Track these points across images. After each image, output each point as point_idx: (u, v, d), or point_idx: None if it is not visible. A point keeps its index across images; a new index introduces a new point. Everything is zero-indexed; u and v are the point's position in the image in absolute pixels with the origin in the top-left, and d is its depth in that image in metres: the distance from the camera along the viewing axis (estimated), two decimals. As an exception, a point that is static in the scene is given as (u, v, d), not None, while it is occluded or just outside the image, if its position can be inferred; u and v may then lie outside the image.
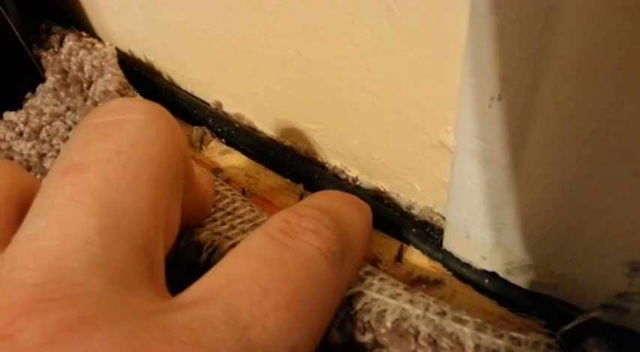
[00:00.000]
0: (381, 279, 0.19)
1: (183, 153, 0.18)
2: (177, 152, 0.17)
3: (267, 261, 0.16)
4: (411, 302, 0.18)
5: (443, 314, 0.17)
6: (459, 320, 0.17)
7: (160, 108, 0.18)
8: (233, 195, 0.25)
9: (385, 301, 0.18)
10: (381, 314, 0.18)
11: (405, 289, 0.19)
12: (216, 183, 0.26)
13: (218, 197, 0.24)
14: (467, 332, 0.16)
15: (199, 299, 0.14)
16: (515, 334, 0.17)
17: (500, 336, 0.17)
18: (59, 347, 0.12)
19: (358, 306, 0.18)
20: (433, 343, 0.17)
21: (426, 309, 0.17)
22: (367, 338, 0.18)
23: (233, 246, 0.21)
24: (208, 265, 0.20)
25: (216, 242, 0.21)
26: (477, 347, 0.16)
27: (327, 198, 0.20)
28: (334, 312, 0.17)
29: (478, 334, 0.16)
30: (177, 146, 0.18)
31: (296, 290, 0.15)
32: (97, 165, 0.15)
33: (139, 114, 0.17)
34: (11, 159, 0.30)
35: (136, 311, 0.13)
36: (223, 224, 0.22)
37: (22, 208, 0.16)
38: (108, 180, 0.15)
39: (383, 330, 0.17)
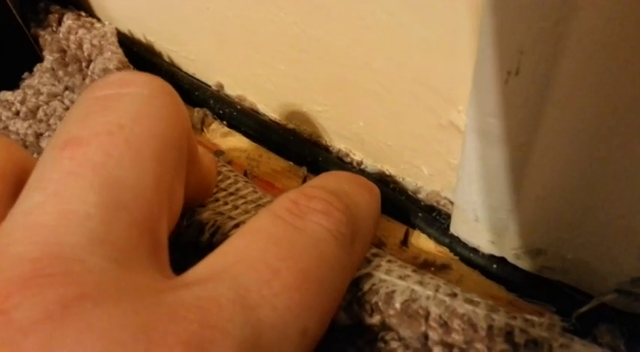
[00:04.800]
0: (389, 261, 0.19)
1: (186, 129, 0.17)
2: (180, 127, 0.17)
3: (276, 241, 0.15)
4: (420, 283, 0.17)
5: (454, 295, 0.17)
6: (471, 302, 0.17)
7: (162, 82, 0.18)
8: (235, 175, 0.24)
9: (394, 282, 0.17)
10: (390, 295, 0.17)
11: (414, 271, 0.18)
12: (219, 163, 0.25)
13: (220, 177, 0.24)
14: (479, 313, 0.16)
15: (206, 278, 0.14)
16: (529, 316, 0.16)
17: (514, 318, 0.16)
18: (57, 323, 0.11)
19: (366, 287, 0.17)
20: (444, 324, 0.16)
21: (437, 290, 0.17)
22: (375, 319, 0.17)
23: (236, 226, 0.20)
24: (210, 245, 0.20)
25: (218, 222, 0.20)
26: (490, 328, 0.16)
27: (335, 179, 0.20)
28: (343, 295, 0.17)
29: (491, 315, 0.16)
30: (181, 121, 0.17)
31: (306, 270, 0.14)
32: (98, 138, 0.15)
33: (141, 88, 0.16)
34: (7, 138, 0.29)
35: (138, 289, 0.13)
36: (226, 203, 0.22)
37: (18, 184, 0.16)
38: (109, 155, 0.14)
39: (392, 312, 0.17)
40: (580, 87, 0.16)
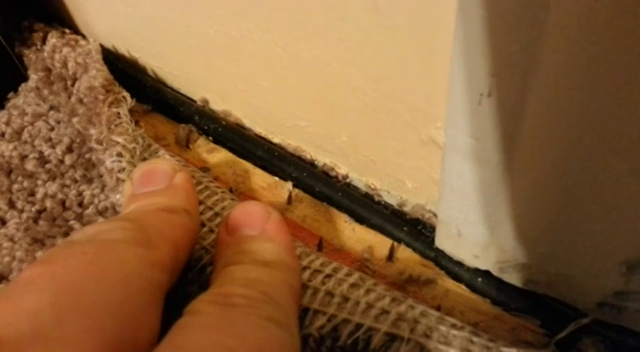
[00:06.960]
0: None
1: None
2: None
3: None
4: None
5: (427, 336, 0.17)
6: (445, 342, 0.16)
7: None
8: (222, 192, 0.24)
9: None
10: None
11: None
12: (206, 179, 0.25)
13: (208, 192, 0.24)
14: None
15: None
16: (505, 349, 0.16)
17: None
18: None
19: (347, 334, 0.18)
20: None
21: (412, 331, 0.17)
22: None
23: None
24: (199, 278, 0.20)
25: (204, 259, 0.20)
26: None
27: (246, 270, 0.18)
28: None
29: None
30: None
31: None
32: None
33: None
34: (-7, 161, 0.29)
35: None
36: (211, 231, 0.21)
37: None
38: None
39: None
40: (552, 107, 0.16)
